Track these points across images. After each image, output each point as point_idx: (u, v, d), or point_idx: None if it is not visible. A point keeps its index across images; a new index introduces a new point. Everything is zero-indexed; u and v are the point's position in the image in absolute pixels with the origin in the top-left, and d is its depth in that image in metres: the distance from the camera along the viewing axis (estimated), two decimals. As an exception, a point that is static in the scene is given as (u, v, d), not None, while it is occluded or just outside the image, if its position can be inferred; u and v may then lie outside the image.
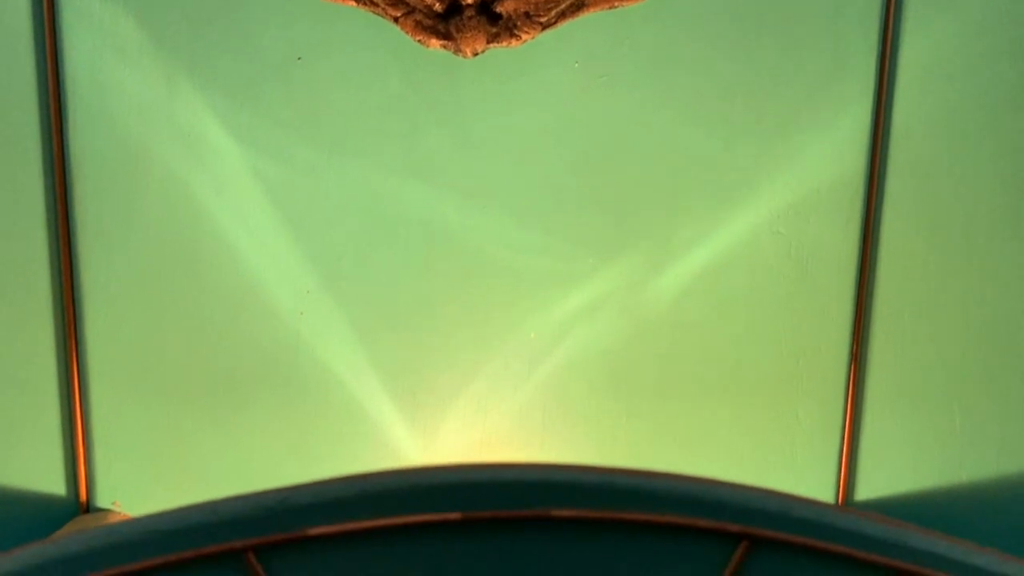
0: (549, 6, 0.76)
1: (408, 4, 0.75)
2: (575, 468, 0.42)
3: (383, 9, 0.75)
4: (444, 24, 0.75)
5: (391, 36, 0.73)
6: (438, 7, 0.75)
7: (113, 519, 0.80)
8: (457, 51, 0.75)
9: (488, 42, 0.75)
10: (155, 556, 0.41)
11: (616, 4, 0.76)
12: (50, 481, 0.74)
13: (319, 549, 0.41)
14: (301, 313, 0.73)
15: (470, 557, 0.41)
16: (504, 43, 0.75)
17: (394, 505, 0.41)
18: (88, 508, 0.74)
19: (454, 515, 0.41)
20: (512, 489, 0.41)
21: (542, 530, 0.41)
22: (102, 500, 0.75)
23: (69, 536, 0.42)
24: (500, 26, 0.76)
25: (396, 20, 0.76)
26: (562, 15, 0.76)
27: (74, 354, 0.75)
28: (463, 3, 0.76)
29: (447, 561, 0.41)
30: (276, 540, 0.41)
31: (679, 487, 0.41)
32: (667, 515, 0.41)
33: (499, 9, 0.76)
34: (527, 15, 0.77)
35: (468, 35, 0.75)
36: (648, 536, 0.41)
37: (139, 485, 0.64)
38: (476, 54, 0.76)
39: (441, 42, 0.75)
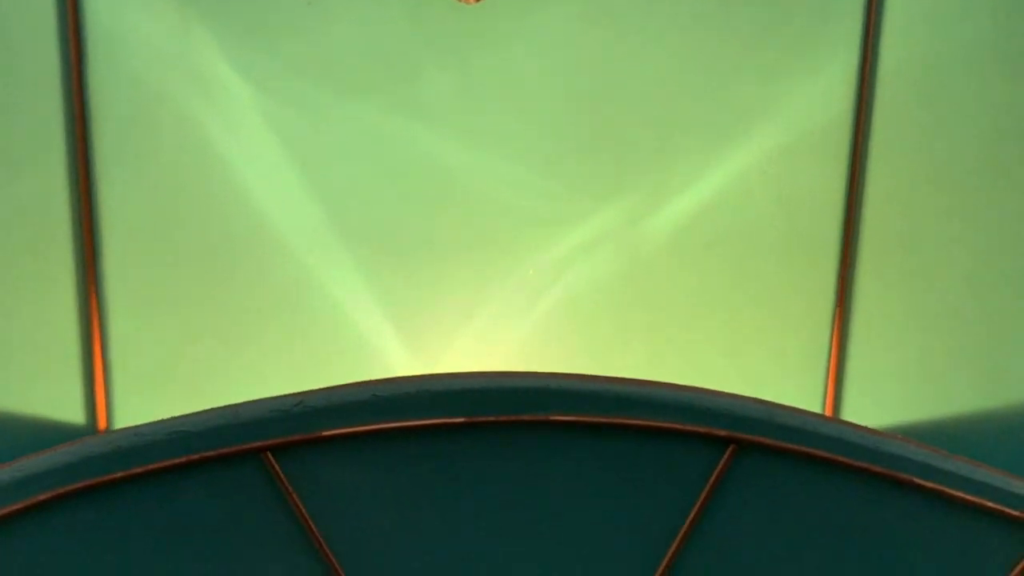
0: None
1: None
2: (574, 377, 0.44)
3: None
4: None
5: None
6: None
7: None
8: (462, -4, 0.77)
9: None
10: (179, 456, 0.43)
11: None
12: (69, 410, 0.76)
13: (332, 450, 0.44)
14: (309, 250, 0.76)
15: (474, 458, 0.44)
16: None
17: (403, 409, 0.43)
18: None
19: (459, 419, 0.43)
20: (514, 395, 0.44)
21: (542, 434, 0.44)
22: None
23: (99, 437, 0.44)
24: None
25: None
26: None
27: (92, 285, 0.78)
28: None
29: (452, 462, 0.44)
30: (292, 441, 0.43)
31: (671, 395, 0.44)
32: (660, 421, 0.43)
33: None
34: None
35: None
36: (642, 440, 0.44)
37: (156, 414, 0.67)
38: None
39: (446, -13, 0.76)
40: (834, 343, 0.76)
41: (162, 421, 0.43)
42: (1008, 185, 0.78)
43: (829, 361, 0.76)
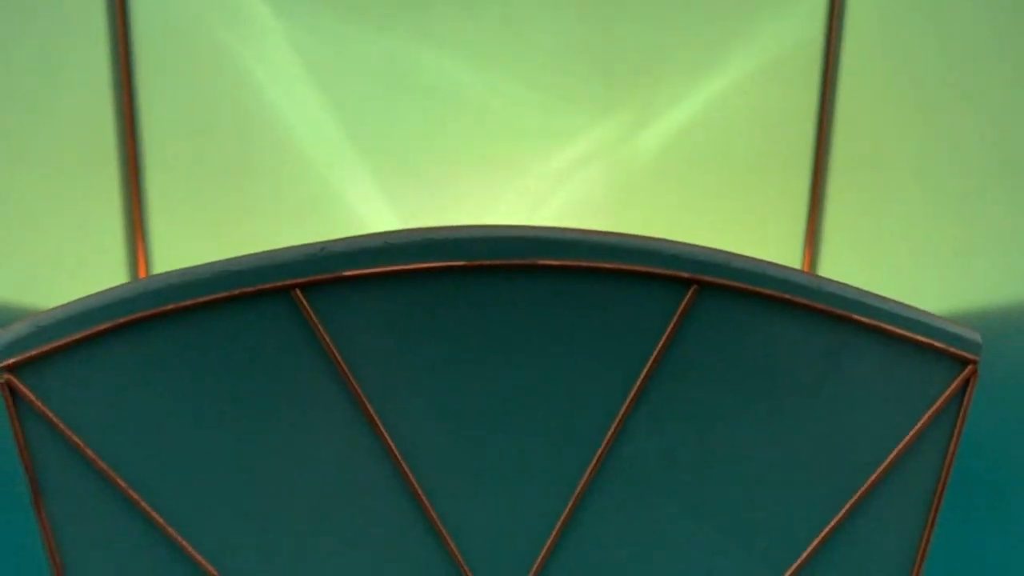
0: None
1: None
2: (560, 228, 0.51)
3: None
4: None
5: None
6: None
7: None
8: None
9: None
10: (218, 292, 0.50)
11: None
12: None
13: (350, 288, 0.51)
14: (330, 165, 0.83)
15: (472, 296, 0.51)
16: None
17: (411, 254, 0.50)
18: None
19: (459, 262, 0.50)
20: (507, 243, 0.51)
21: (531, 276, 0.51)
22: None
23: (143, 279, 0.51)
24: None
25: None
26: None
27: (136, 193, 0.86)
28: None
29: (453, 301, 0.51)
30: (316, 280, 0.50)
31: (641, 243, 0.50)
32: (630, 264, 0.50)
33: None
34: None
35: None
36: (615, 283, 0.50)
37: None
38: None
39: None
40: (807, 252, 0.82)
41: (201, 264, 0.51)
42: (970, 105, 0.84)
43: (802, 267, 0.83)
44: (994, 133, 0.87)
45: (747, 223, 0.88)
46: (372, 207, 0.88)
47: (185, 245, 0.85)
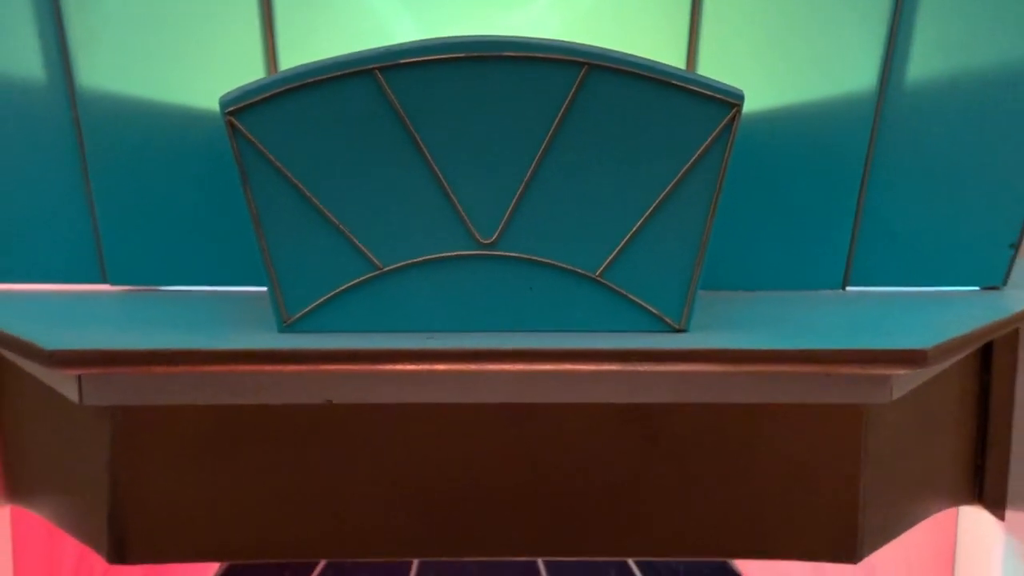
0: None
1: None
2: (520, 36, 0.92)
3: None
4: None
5: None
6: None
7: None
8: None
9: None
10: (318, 76, 0.92)
11: None
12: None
13: (401, 75, 0.92)
14: None
15: (466, 80, 0.92)
16: None
17: (426, 51, 0.92)
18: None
19: (460, 55, 0.92)
20: (487, 43, 0.92)
21: (506, 64, 0.92)
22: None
23: (309, 63, 0.93)
24: None
25: None
26: None
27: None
28: None
29: (456, 87, 0.93)
30: (389, 65, 0.92)
31: (548, 42, 0.92)
32: (537, 53, 0.91)
33: None
34: None
35: None
36: (528, 66, 0.92)
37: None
38: None
39: None
40: (690, 49, 1.21)
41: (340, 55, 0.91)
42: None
43: (687, 57, 1.21)
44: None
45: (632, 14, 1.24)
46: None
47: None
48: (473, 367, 0.93)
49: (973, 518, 1.36)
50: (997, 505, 1.31)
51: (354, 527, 1.01)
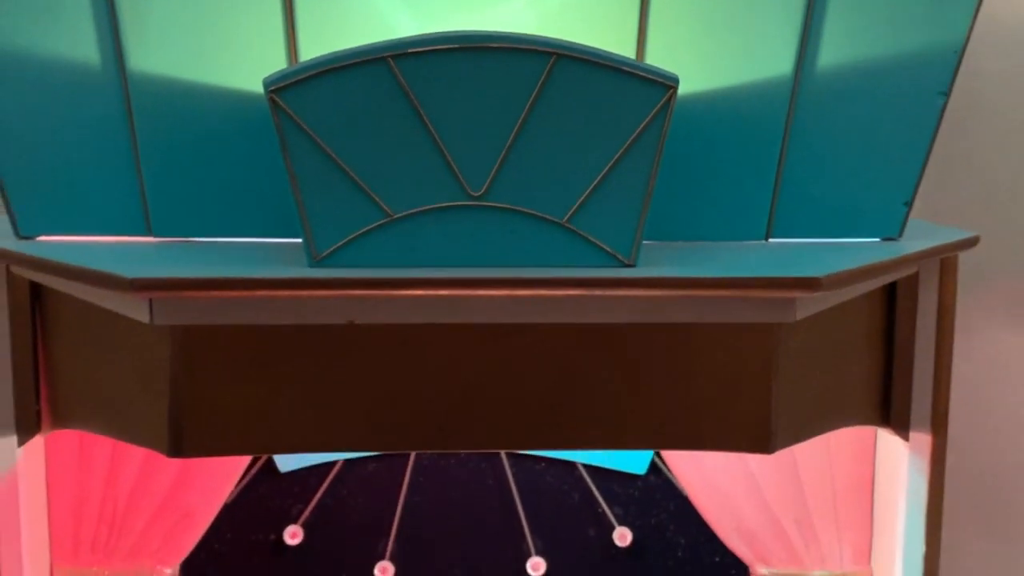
0: None
1: None
2: (499, 32, 1.16)
3: None
4: None
5: None
6: None
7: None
8: None
9: None
10: (342, 62, 1.15)
11: None
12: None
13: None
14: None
15: (458, 64, 1.15)
16: None
17: (429, 42, 1.15)
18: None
19: (455, 45, 1.15)
20: (477, 36, 1.15)
21: (497, 54, 1.15)
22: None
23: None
24: None
25: None
26: None
27: None
28: None
29: (458, 72, 1.16)
30: (400, 53, 1.15)
31: (525, 36, 1.15)
32: (511, 44, 1.15)
33: None
34: None
35: None
36: (503, 56, 1.15)
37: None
38: None
39: None
40: (639, 42, 1.44)
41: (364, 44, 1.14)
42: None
43: (636, 48, 1.45)
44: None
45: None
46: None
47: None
48: (466, 292, 1.17)
49: (887, 439, 1.63)
50: (903, 428, 1.57)
51: (372, 425, 1.25)
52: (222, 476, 1.63)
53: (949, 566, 1.72)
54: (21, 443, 1.42)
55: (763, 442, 1.27)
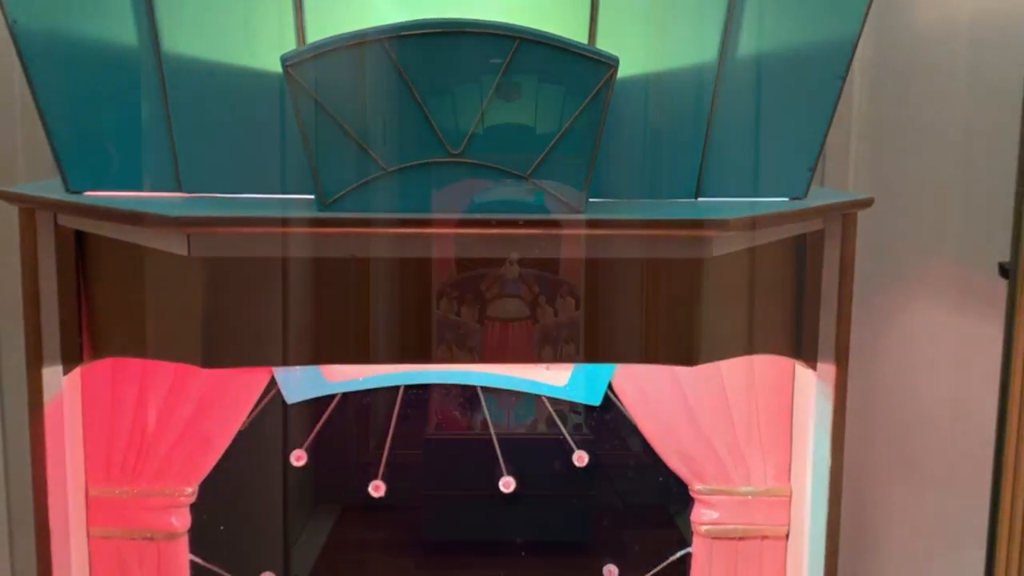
0: None
1: None
2: (482, 21, 1.43)
3: None
4: None
5: None
6: None
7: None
8: None
9: None
10: (346, 43, 1.41)
11: None
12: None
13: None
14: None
15: (445, 49, 1.42)
16: None
17: (409, 27, 1.42)
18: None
19: (447, 29, 1.42)
20: (465, 22, 1.42)
21: (470, 38, 1.43)
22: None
23: (350, 32, 1.42)
24: None
25: None
26: None
27: None
28: None
29: (445, 56, 1.42)
30: (395, 35, 1.41)
31: (493, 23, 1.42)
32: (483, 29, 1.42)
33: None
34: None
35: None
36: (476, 39, 1.42)
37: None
38: None
39: None
40: (591, 29, 1.72)
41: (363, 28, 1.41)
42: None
43: (588, 34, 1.72)
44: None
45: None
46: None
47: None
48: (447, 231, 1.44)
49: (801, 372, 1.92)
50: (811, 360, 1.86)
51: (368, 342, 1.52)
52: (237, 407, 1.81)
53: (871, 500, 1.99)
54: (66, 372, 1.67)
55: (688, 356, 1.55)
